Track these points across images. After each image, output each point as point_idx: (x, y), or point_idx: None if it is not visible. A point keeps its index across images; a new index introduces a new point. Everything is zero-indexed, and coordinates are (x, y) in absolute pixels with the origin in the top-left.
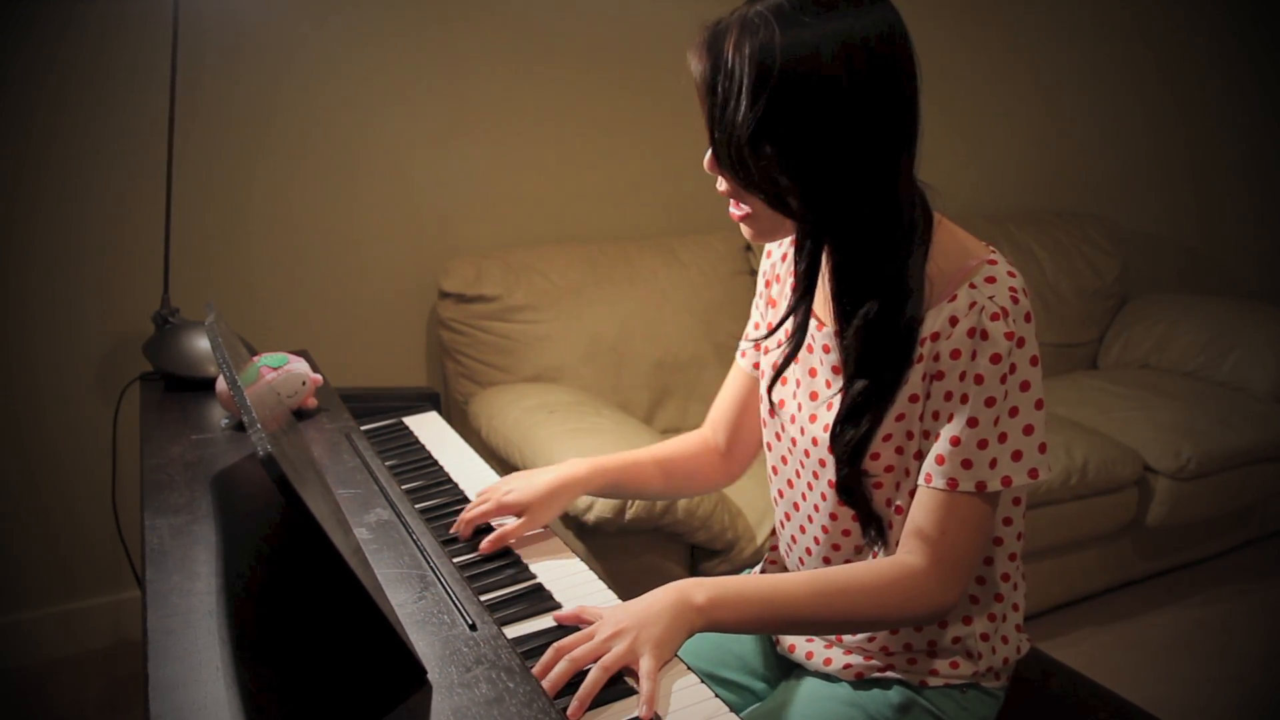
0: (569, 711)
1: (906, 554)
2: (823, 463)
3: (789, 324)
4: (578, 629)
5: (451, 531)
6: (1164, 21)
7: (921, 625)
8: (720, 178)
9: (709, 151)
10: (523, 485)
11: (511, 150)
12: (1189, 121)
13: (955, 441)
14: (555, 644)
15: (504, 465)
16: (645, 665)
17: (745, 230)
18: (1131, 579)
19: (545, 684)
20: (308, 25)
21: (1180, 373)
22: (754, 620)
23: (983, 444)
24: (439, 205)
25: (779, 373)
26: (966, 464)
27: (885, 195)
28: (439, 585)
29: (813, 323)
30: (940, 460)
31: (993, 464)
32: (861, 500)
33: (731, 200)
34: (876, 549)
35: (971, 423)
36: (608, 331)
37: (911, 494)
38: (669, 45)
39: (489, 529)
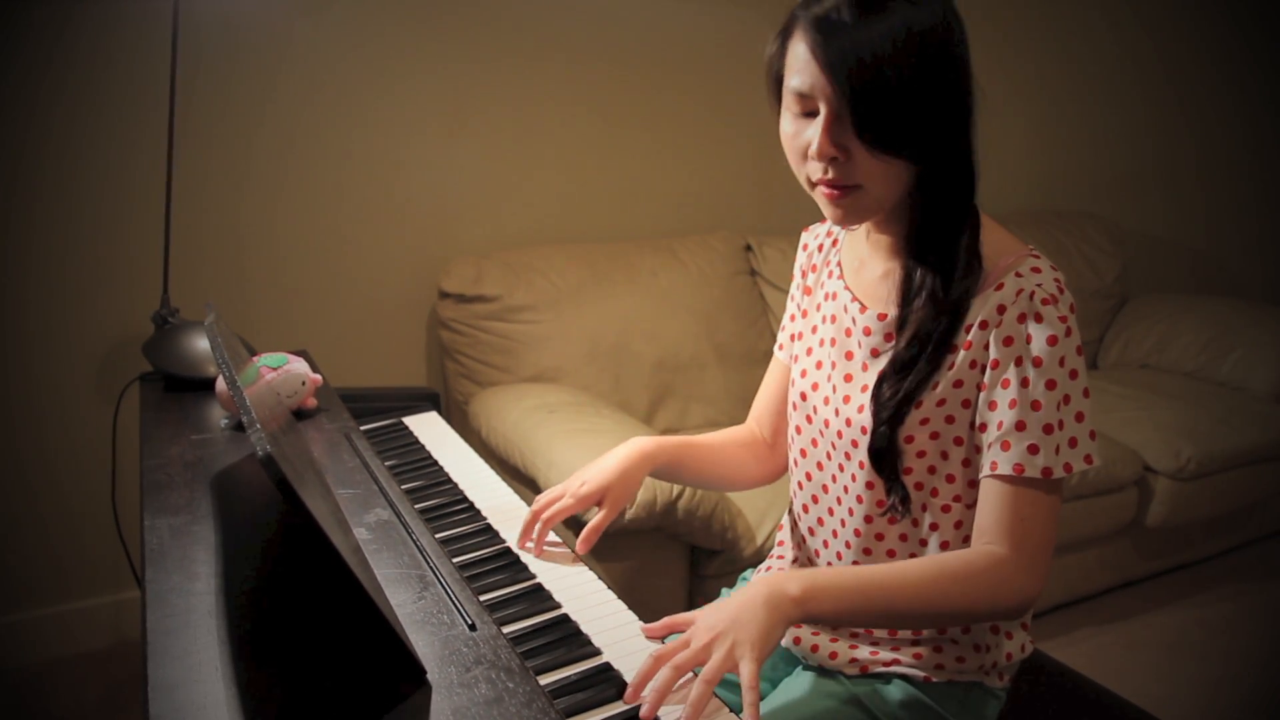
0: None
1: (987, 544)
2: (855, 444)
3: (830, 310)
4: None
5: (522, 542)
6: (1168, 21)
7: (1008, 619)
8: (828, 162)
9: (820, 130)
10: (594, 474)
11: (512, 150)
12: (1193, 121)
13: (1021, 426)
14: (653, 652)
15: (503, 465)
16: (745, 672)
17: (836, 212)
18: (1131, 579)
19: (650, 691)
20: (305, 23)
21: (1180, 373)
22: (848, 610)
23: (1048, 429)
24: (439, 205)
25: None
26: (1033, 449)
27: (971, 153)
28: (439, 585)
29: (855, 305)
30: (1005, 446)
31: (1056, 450)
32: (891, 468)
33: (826, 187)
34: (903, 531)
35: (1035, 406)
36: (608, 332)
37: (948, 479)
38: (671, 44)
39: (485, 529)
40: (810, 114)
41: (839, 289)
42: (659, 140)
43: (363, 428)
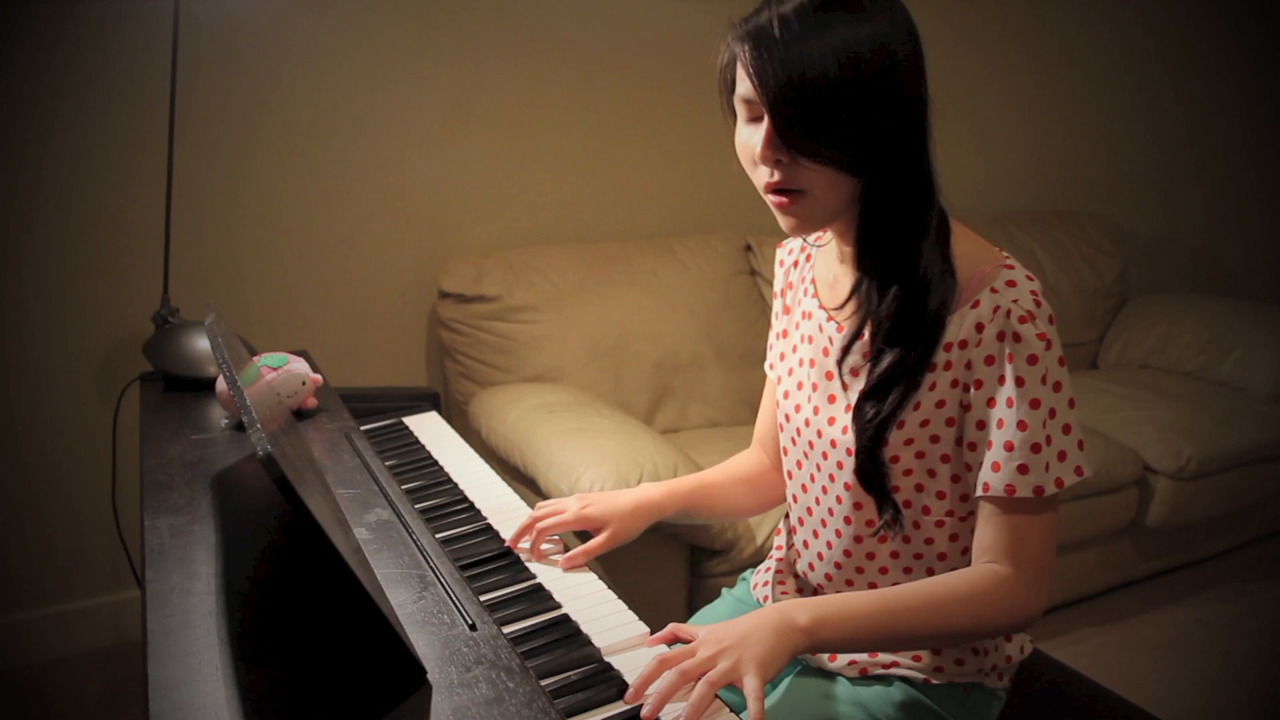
0: None
1: (988, 562)
2: (840, 465)
3: (807, 330)
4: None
5: (514, 541)
6: (1169, 21)
7: (1014, 633)
8: (772, 166)
9: (762, 136)
10: (603, 501)
11: (512, 150)
12: (1193, 121)
13: (1009, 447)
14: (658, 655)
15: (504, 465)
16: (750, 685)
17: (787, 222)
18: (1131, 579)
19: (653, 693)
20: (305, 23)
21: (1180, 373)
22: (855, 638)
23: (1036, 448)
24: (438, 205)
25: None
26: (1023, 469)
27: (925, 163)
28: (439, 585)
29: (831, 324)
30: (996, 468)
31: (1046, 467)
32: (880, 488)
33: (775, 194)
34: (895, 549)
35: (1021, 426)
36: (608, 331)
37: (938, 496)
38: (670, 44)
39: (485, 529)
40: (756, 119)
41: (814, 308)
42: (659, 140)
43: (363, 428)
